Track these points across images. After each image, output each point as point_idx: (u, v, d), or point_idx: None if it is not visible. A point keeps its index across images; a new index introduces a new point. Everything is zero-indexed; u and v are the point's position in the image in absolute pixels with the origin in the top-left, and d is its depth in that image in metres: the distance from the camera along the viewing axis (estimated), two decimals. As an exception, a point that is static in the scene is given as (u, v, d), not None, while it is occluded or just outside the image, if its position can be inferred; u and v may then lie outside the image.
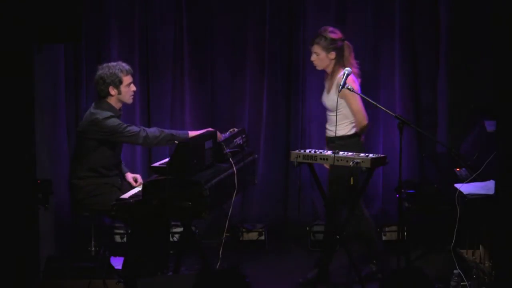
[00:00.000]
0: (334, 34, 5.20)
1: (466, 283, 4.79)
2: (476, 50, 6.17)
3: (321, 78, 6.53)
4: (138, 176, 5.37)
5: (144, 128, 5.08)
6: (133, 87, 5.19)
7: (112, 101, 5.12)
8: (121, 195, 4.88)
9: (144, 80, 6.43)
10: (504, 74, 3.89)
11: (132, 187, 5.20)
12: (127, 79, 5.13)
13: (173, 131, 5.10)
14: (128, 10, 6.34)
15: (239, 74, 6.53)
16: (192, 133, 5.05)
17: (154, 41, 6.40)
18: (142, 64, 6.40)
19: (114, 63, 5.17)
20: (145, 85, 6.44)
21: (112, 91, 5.09)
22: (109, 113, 5.02)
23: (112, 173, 5.15)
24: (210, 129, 5.10)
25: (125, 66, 5.17)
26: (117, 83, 5.09)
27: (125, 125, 5.02)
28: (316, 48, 5.20)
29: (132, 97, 5.21)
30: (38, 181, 4.78)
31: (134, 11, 6.33)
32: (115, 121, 5.00)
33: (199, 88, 6.51)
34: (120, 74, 5.09)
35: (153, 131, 5.04)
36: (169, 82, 6.46)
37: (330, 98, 5.20)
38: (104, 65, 5.16)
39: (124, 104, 5.23)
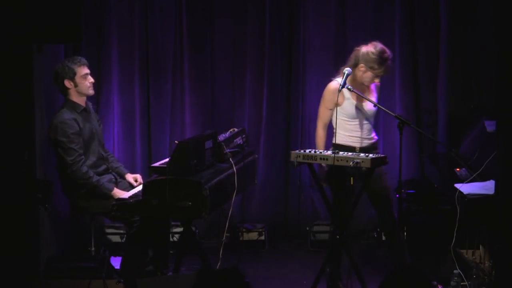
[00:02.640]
0: None
1: (466, 283, 4.79)
2: (476, 50, 6.17)
3: (321, 78, 6.55)
4: (138, 176, 5.36)
5: (83, 164, 4.96)
6: (90, 79, 5.12)
7: (73, 96, 5.08)
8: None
9: (144, 80, 6.42)
10: (505, 74, 3.89)
11: (133, 187, 5.20)
12: (81, 70, 5.07)
13: (102, 182, 4.98)
14: (128, 10, 6.34)
15: (239, 74, 6.53)
16: (117, 192, 4.96)
17: (154, 41, 6.39)
18: (142, 65, 6.40)
19: (69, 58, 5.15)
20: (145, 86, 6.43)
21: (68, 84, 5.05)
22: (66, 117, 4.98)
23: (101, 170, 5.13)
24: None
25: (80, 58, 5.12)
26: (71, 75, 5.04)
27: (74, 144, 4.94)
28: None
29: (90, 88, 5.14)
30: (38, 181, 4.79)
31: (134, 11, 6.33)
32: (66, 130, 4.94)
33: (199, 89, 6.50)
34: (73, 66, 5.06)
35: (85, 170, 4.95)
36: (169, 82, 6.46)
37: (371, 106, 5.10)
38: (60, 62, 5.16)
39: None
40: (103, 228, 6.11)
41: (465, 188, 4.69)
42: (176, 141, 4.58)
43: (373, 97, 5.07)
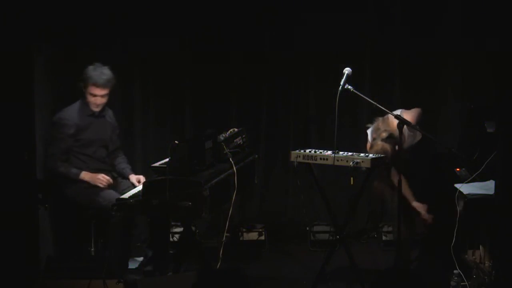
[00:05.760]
0: None
1: (466, 283, 4.79)
2: (475, 50, 6.18)
3: (321, 78, 6.54)
4: (142, 177, 5.36)
5: (56, 160, 5.08)
6: (98, 100, 5.16)
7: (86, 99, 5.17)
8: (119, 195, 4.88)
9: (144, 80, 6.41)
10: (504, 74, 3.89)
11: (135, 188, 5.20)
12: (91, 89, 5.12)
13: (70, 170, 5.08)
14: (128, 10, 6.32)
15: (239, 74, 6.52)
16: (84, 174, 5.06)
17: (154, 40, 6.38)
18: (142, 64, 6.39)
19: (102, 68, 5.15)
20: (145, 85, 6.42)
21: (83, 88, 5.15)
22: (65, 115, 5.09)
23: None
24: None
25: (101, 76, 5.10)
26: (81, 86, 5.14)
27: (58, 141, 5.06)
28: None
29: (94, 106, 5.19)
30: (38, 181, 4.79)
31: (134, 11, 6.32)
32: (58, 127, 5.07)
33: (199, 88, 6.50)
34: (88, 80, 5.11)
35: (58, 166, 5.06)
36: (169, 82, 6.45)
37: None
38: (96, 64, 5.15)
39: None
40: (103, 228, 6.10)
41: (465, 188, 4.69)
42: (176, 141, 4.59)
43: None
